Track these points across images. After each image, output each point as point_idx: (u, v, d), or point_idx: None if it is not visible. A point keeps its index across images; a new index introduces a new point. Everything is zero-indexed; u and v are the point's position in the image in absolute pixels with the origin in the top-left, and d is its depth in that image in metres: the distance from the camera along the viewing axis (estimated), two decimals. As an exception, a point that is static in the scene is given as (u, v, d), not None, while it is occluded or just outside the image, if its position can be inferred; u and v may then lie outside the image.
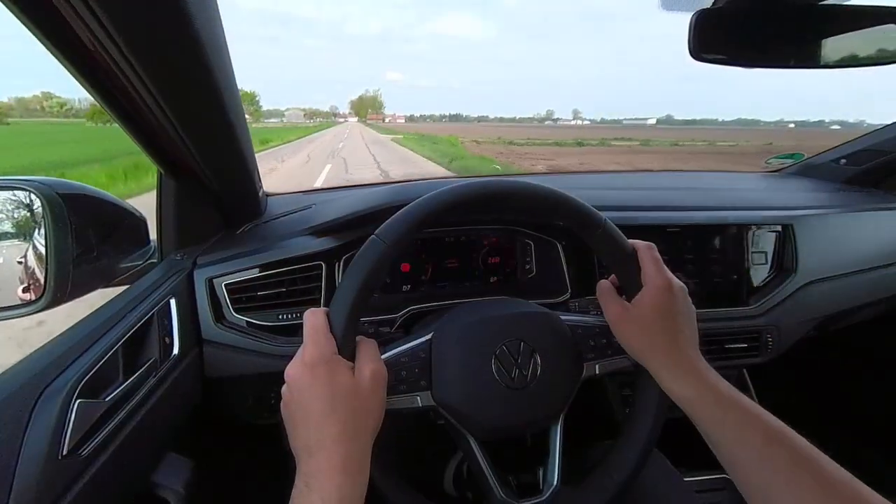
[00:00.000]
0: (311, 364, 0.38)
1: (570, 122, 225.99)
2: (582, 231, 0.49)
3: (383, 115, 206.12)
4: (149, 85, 0.43)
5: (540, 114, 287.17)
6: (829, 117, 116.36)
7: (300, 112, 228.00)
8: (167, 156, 0.60)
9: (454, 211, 0.44)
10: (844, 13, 0.60)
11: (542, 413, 0.49)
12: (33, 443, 0.35)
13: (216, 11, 0.43)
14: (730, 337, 0.83)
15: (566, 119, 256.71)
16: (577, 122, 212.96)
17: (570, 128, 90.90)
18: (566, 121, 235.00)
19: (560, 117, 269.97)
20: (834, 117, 38.08)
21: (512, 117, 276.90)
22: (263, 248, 0.68)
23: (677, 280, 0.48)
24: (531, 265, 0.83)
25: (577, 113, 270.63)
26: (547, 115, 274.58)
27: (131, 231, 0.65)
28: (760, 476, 0.38)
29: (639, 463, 0.49)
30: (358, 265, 0.41)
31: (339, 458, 0.36)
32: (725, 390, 0.43)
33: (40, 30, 0.37)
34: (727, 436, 0.41)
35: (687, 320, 0.47)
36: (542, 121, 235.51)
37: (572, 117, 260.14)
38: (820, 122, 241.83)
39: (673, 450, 0.66)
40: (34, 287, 0.50)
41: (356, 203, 0.74)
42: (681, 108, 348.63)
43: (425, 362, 0.47)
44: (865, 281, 0.89)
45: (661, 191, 0.99)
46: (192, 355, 0.60)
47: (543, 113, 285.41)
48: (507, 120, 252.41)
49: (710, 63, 0.60)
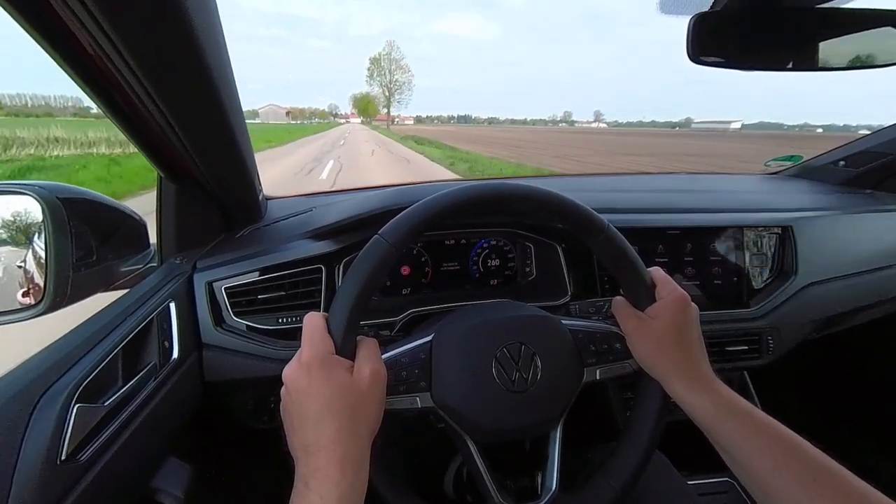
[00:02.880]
0: (307, 364, 0.38)
1: (591, 123, 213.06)
2: (584, 235, 0.49)
3: (392, 116, 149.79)
4: (148, 88, 0.43)
5: (556, 115, 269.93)
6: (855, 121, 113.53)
7: (281, 110, 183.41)
8: (167, 159, 0.60)
9: (457, 213, 0.44)
10: (842, 16, 0.60)
11: (541, 417, 0.49)
12: (32, 448, 0.35)
13: (216, 14, 0.44)
14: (730, 339, 0.83)
15: (585, 121, 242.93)
16: (597, 125, 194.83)
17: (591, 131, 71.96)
18: (585, 123, 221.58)
19: (578, 119, 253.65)
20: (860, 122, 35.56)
21: (523, 119, 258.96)
22: (263, 251, 0.68)
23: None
24: (531, 268, 0.83)
25: (598, 115, 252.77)
26: (564, 116, 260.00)
27: (131, 234, 0.65)
28: (779, 488, 0.38)
29: (639, 468, 0.48)
30: (360, 264, 0.41)
31: (337, 457, 0.36)
32: (739, 402, 0.43)
33: (41, 35, 0.37)
34: (743, 448, 0.41)
35: (699, 334, 0.48)
36: (557, 123, 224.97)
37: (593, 119, 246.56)
38: (846, 127, 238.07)
39: (675, 453, 0.66)
40: (34, 291, 0.50)
41: (356, 206, 0.74)
42: (701, 111, 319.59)
43: (425, 363, 0.47)
44: (865, 283, 0.89)
45: (661, 193, 0.99)
46: (192, 359, 0.60)
47: (560, 114, 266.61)
48: (518, 122, 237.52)
49: (708, 66, 0.60)
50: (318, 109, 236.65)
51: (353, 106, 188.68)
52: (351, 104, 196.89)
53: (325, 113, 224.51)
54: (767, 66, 0.63)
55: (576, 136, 43.75)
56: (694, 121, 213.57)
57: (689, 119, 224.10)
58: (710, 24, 0.58)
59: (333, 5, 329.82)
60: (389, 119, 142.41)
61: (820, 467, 0.38)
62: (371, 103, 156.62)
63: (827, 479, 0.37)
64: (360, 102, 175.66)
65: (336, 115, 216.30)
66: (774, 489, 0.39)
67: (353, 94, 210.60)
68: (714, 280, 0.84)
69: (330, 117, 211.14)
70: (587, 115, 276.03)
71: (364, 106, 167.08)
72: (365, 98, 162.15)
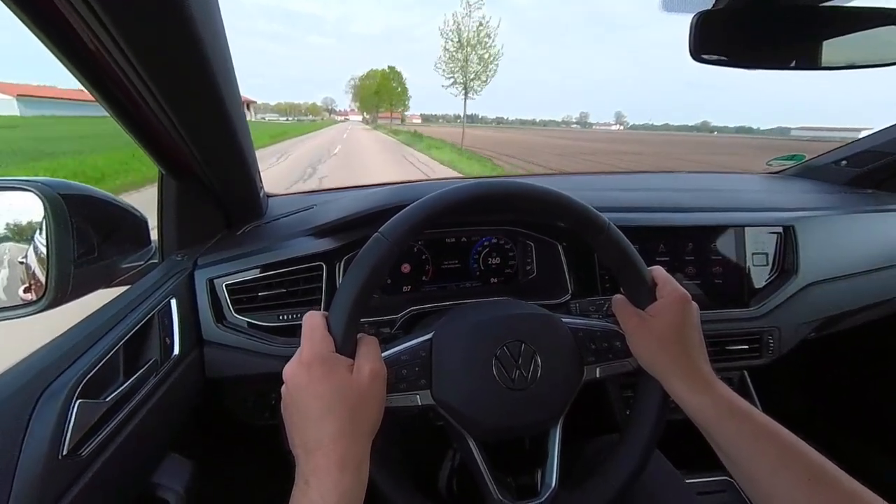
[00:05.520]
0: (307, 363, 0.38)
1: (610, 126, 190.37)
2: (585, 234, 0.49)
3: (401, 113, 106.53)
4: (150, 85, 0.43)
5: (570, 116, 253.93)
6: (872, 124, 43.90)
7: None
8: (168, 156, 0.60)
9: (458, 211, 0.44)
10: (845, 15, 0.60)
11: (541, 415, 0.49)
12: (34, 443, 0.36)
13: (216, 10, 0.44)
14: (731, 338, 0.83)
15: (604, 123, 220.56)
16: (617, 128, 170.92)
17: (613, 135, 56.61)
18: (603, 125, 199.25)
19: (595, 121, 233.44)
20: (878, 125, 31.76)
21: (532, 119, 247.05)
22: (264, 248, 0.68)
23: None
24: (532, 266, 0.83)
25: (620, 116, 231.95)
26: (580, 117, 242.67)
27: (132, 231, 0.65)
28: (777, 490, 0.38)
29: (639, 465, 0.48)
30: (360, 263, 0.41)
31: (338, 456, 0.36)
32: (739, 403, 0.43)
33: (44, 32, 0.37)
34: (742, 448, 0.41)
35: (699, 334, 0.48)
36: (569, 124, 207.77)
37: (614, 121, 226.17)
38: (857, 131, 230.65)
39: (674, 451, 0.66)
40: (35, 287, 0.50)
41: (357, 204, 0.74)
42: (718, 115, 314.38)
43: (426, 361, 0.47)
44: (866, 283, 0.89)
45: (662, 192, 0.99)
46: (193, 356, 0.60)
47: (576, 115, 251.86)
48: (527, 122, 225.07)
49: (711, 64, 0.60)
50: (304, 104, 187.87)
51: (354, 98, 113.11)
52: (351, 96, 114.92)
53: (318, 108, 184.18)
54: (769, 64, 0.63)
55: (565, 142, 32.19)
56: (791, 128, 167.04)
57: (705, 122, 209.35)
58: (712, 23, 0.58)
59: (335, 3, 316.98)
60: (399, 117, 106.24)
61: (818, 469, 0.38)
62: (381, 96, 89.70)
63: (825, 482, 0.37)
64: (361, 93, 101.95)
65: (332, 110, 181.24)
66: (772, 490, 0.39)
67: (352, 79, 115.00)
68: (715, 279, 0.84)
69: (324, 113, 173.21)
70: (606, 116, 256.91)
71: (366, 99, 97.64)
72: (377, 81, 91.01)
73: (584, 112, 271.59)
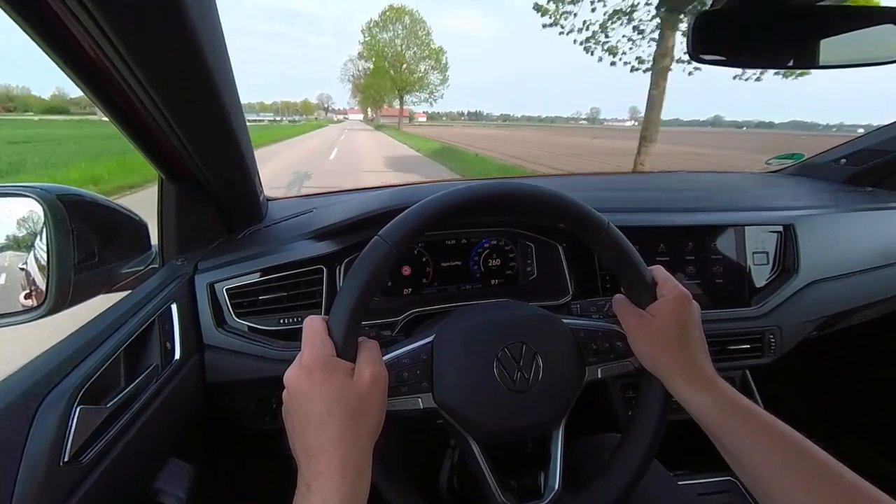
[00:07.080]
0: (308, 367, 0.38)
1: (625, 122, 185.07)
2: (585, 234, 0.49)
3: (409, 111, 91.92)
4: (149, 90, 0.43)
5: (579, 112, 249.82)
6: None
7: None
8: (168, 160, 0.60)
9: (457, 213, 0.44)
10: (843, 14, 0.60)
11: (543, 416, 0.49)
12: (35, 450, 0.35)
13: (215, 15, 0.44)
14: (732, 338, 0.83)
15: (617, 119, 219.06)
16: (632, 124, 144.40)
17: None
18: (617, 121, 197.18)
19: (608, 117, 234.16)
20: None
21: (538, 116, 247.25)
22: (264, 252, 0.68)
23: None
24: (532, 267, 0.83)
25: (635, 112, 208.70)
26: (591, 113, 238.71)
27: (132, 236, 0.65)
28: (782, 487, 0.38)
29: (642, 466, 0.48)
30: (361, 266, 0.41)
31: (339, 460, 0.36)
32: (741, 401, 0.43)
33: (42, 38, 0.37)
34: (745, 447, 0.41)
35: (701, 333, 0.48)
36: (577, 121, 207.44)
37: (628, 116, 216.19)
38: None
39: (675, 452, 0.66)
40: (36, 293, 0.50)
41: (357, 207, 0.74)
42: (733, 110, 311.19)
43: (427, 364, 0.47)
44: (867, 281, 0.89)
45: (662, 192, 0.99)
46: (194, 360, 0.60)
47: (586, 111, 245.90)
48: (533, 119, 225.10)
49: (710, 65, 0.60)
50: (295, 103, 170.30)
51: (353, 92, 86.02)
52: (351, 91, 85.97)
53: (311, 105, 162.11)
54: (768, 63, 0.63)
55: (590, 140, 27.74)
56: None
57: (717, 117, 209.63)
58: (710, 23, 0.58)
59: (334, 2, 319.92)
60: (406, 114, 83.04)
61: (823, 467, 0.37)
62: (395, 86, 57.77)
63: (830, 479, 0.37)
64: (363, 87, 71.17)
65: (328, 108, 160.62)
66: (777, 489, 0.39)
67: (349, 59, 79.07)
68: (715, 279, 0.84)
69: (319, 111, 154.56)
70: (620, 112, 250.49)
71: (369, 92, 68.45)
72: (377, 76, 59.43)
73: (595, 108, 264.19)
